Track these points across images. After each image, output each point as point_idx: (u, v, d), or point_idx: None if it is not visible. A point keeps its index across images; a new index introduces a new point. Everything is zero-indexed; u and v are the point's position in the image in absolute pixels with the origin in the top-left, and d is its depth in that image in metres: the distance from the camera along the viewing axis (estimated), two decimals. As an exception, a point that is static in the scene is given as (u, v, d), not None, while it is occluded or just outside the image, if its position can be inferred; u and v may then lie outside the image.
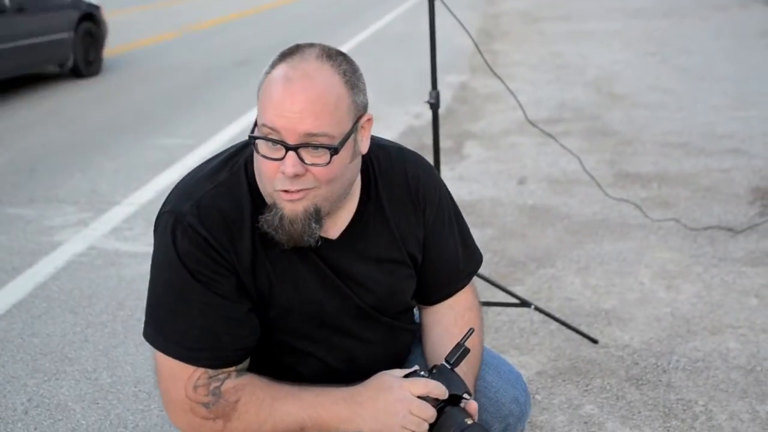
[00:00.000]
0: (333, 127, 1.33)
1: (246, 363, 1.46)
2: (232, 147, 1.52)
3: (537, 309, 2.86)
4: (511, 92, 3.37)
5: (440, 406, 1.36)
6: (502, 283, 3.09)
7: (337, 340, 1.52)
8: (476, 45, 3.23)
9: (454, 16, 2.97)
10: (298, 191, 1.34)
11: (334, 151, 1.33)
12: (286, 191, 1.34)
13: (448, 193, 1.65)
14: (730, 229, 3.74)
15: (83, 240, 4.00)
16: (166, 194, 1.49)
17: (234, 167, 1.45)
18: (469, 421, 1.34)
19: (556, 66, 8.40)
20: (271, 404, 1.38)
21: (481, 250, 1.72)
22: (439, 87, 2.91)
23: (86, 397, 2.63)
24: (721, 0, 12.95)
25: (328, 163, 1.33)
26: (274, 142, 1.32)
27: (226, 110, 6.78)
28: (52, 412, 2.56)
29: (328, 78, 1.33)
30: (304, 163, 1.32)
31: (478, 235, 3.74)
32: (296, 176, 1.32)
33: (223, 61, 9.51)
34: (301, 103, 1.30)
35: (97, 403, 2.60)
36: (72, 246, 3.93)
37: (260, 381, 1.41)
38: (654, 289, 3.21)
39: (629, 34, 10.34)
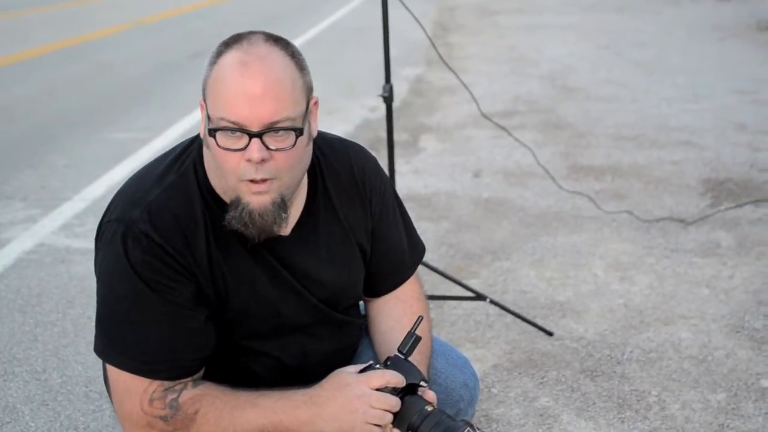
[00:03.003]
0: (293, 110, 1.31)
1: (202, 371, 1.43)
2: (176, 147, 1.48)
3: (492, 302, 2.87)
4: (466, 86, 3.37)
5: (399, 395, 1.35)
6: (458, 276, 3.09)
7: (291, 338, 1.51)
8: (430, 39, 3.23)
9: (408, 9, 2.95)
10: (264, 180, 1.31)
11: (299, 132, 1.32)
12: (252, 181, 1.31)
13: (391, 183, 1.65)
14: (681, 221, 3.80)
15: (32, 237, 3.91)
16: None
17: (182, 168, 1.42)
18: (429, 408, 1.34)
19: (511, 59, 8.45)
20: (230, 413, 1.35)
21: (437, 244, 1.72)
22: (395, 80, 2.90)
23: (35, 399, 2.57)
24: (673, -6, 13.14)
25: (293, 145, 1.31)
26: (235, 131, 1.29)
27: (179, 103, 6.68)
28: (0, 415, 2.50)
29: (281, 60, 1.33)
30: (269, 149, 1.30)
31: (434, 229, 3.75)
32: (262, 162, 1.30)
33: (176, 54, 9.39)
34: (261, 86, 1.28)
35: (47, 405, 2.54)
36: (20, 243, 3.84)
37: (218, 390, 1.38)
38: (608, 281, 3.24)
39: (583, 27, 10.44)
